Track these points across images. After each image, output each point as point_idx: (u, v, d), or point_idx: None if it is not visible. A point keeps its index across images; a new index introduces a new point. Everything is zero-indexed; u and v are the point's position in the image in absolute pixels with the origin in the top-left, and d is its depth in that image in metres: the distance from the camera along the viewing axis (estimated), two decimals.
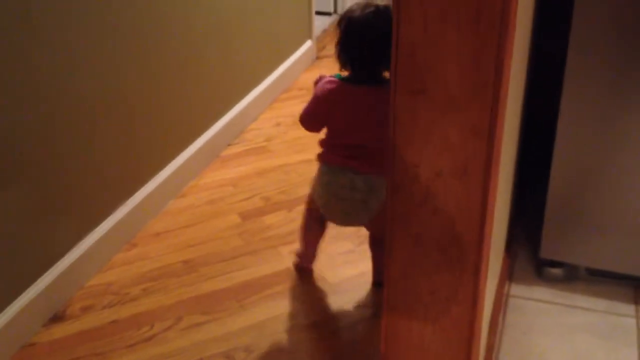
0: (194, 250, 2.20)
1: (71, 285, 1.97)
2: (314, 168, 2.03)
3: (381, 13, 1.71)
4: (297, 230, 2.19)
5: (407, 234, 1.03)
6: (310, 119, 1.88)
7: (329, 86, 1.79)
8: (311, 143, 2.66)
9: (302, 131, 2.96)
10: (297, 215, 2.33)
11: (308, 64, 3.69)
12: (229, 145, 2.85)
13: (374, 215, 1.83)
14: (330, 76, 1.83)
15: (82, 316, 1.91)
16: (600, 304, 1.91)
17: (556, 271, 1.99)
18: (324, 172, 1.84)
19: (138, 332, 1.85)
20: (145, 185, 2.32)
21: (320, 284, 2.05)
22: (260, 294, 1.99)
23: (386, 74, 1.72)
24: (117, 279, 2.06)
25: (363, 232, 2.05)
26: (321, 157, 1.86)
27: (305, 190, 2.45)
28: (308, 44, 3.69)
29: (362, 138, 1.78)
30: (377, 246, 1.96)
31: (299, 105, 3.20)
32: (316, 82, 1.87)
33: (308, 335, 1.85)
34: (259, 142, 2.90)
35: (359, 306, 1.95)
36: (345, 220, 1.88)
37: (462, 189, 0.96)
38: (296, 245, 2.11)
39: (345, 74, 1.80)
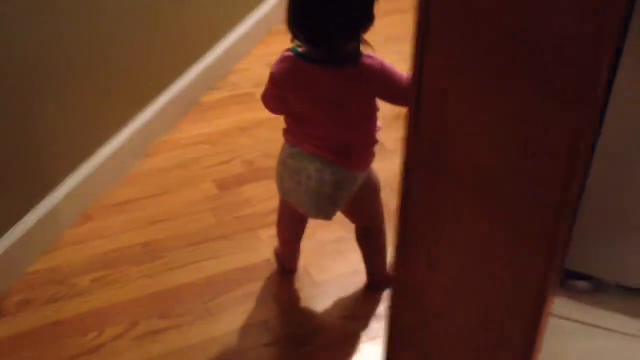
0: (158, 228, 1.88)
1: (9, 272, 1.67)
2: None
3: None
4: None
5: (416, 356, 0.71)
6: (269, 101, 1.53)
7: (281, 64, 1.43)
8: None
9: None
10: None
11: None
12: (211, 89, 2.47)
13: (341, 209, 1.52)
14: (288, 49, 1.44)
15: (18, 314, 1.61)
16: (633, 325, 1.62)
17: (583, 284, 1.69)
18: (286, 156, 1.50)
19: (83, 340, 1.56)
20: (108, 143, 1.97)
21: (303, 282, 1.74)
22: (231, 294, 1.69)
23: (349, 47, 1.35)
24: (64, 264, 1.75)
25: None
26: (288, 136, 1.51)
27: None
28: None
29: (327, 130, 1.44)
30: (365, 240, 1.67)
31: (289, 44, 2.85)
32: (283, 52, 1.48)
33: (283, 354, 1.56)
34: (247, 87, 2.52)
35: (350, 317, 1.65)
36: (315, 214, 1.53)
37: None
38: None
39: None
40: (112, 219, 1.90)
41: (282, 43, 2.74)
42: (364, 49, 1.38)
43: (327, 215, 1.52)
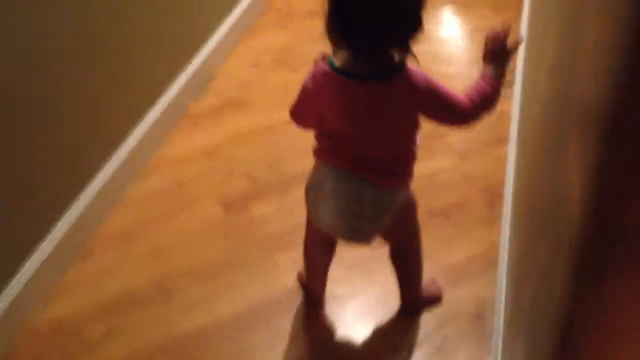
0: (166, 262, 1.74)
1: (15, 326, 1.52)
2: (304, 131, 1.54)
3: None
4: (296, 228, 1.75)
5: None
6: (299, 116, 1.38)
7: (316, 78, 1.27)
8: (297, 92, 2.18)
9: (287, 73, 2.50)
10: (293, 204, 1.89)
11: None
12: (199, 96, 2.32)
13: (380, 231, 1.40)
14: (322, 59, 1.29)
15: None
16: None
17: None
18: (321, 176, 1.36)
19: None
20: (101, 169, 1.83)
21: (334, 309, 1.63)
22: (258, 334, 1.57)
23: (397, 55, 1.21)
24: (72, 311, 1.61)
25: None
26: (321, 154, 1.37)
27: (301, 163, 2.00)
28: None
29: (367, 148, 1.31)
30: (401, 260, 1.56)
31: (278, 34, 2.70)
32: (314, 63, 1.32)
33: None
34: (234, 91, 2.37)
35: (391, 348, 1.55)
36: (351, 238, 1.41)
37: None
38: (296, 250, 1.68)
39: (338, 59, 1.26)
40: (115, 251, 1.76)
41: (263, 39, 2.62)
42: (409, 61, 1.25)
43: (367, 240, 1.40)
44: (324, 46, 2.56)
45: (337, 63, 1.24)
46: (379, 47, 1.19)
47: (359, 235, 1.38)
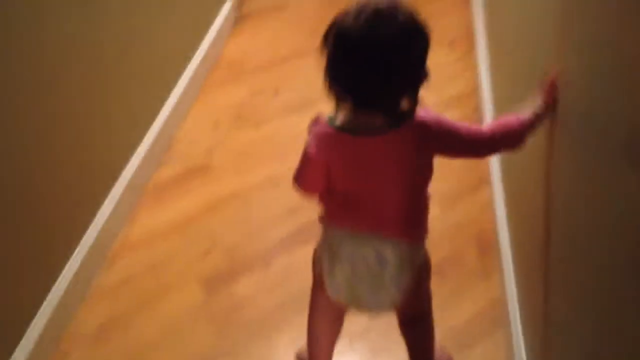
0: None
1: None
2: (279, 193, 1.59)
3: (388, 14, 1.08)
4: (286, 302, 1.64)
5: None
6: (304, 184, 1.26)
7: (319, 141, 1.17)
8: (265, 151, 2.07)
9: (250, 131, 2.37)
10: (279, 276, 1.77)
11: (229, 30, 2.98)
12: (159, 167, 2.17)
13: (404, 294, 1.28)
14: (315, 121, 1.20)
15: None
16: None
17: None
18: (336, 241, 1.25)
19: None
20: (67, 259, 1.67)
21: None
22: None
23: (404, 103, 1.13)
24: None
25: None
26: (329, 219, 1.27)
27: (278, 230, 1.89)
28: (227, 5, 2.96)
29: (383, 204, 1.22)
30: (414, 327, 1.45)
31: (234, 90, 2.58)
32: (310, 127, 1.22)
33: None
34: (197, 156, 2.24)
35: None
36: (373, 306, 1.30)
37: None
38: (291, 327, 1.55)
39: (338, 116, 1.17)
40: (92, 353, 1.59)
41: (220, 96, 2.50)
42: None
43: (392, 303, 1.29)
44: (284, 100, 2.48)
45: (338, 121, 1.15)
46: (391, 99, 1.12)
47: (385, 302, 1.28)
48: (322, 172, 1.20)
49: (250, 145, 2.29)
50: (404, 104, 1.13)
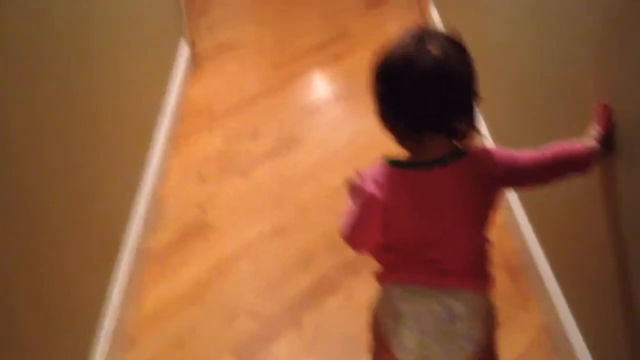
0: None
1: None
2: (286, 243, 1.61)
3: (432, 38, 1.07)
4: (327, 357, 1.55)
5: None
6: (359, 235, 1.18)
7: (380, 178, 1.12)
8: (259, 200, 2.02)
9: (238, 180, 2.25)
10: (311, 332, 1.69)
11: (188, 75, 2.85)
12: (154, 232, 2.03)
13: (478, 349, 1.20)
14: (376, 165, 1.15)
15: None
16: None
17: None
18: (399, 299, 1.18)
19: None
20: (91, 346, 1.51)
21: None
22: None
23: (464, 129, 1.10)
24: None
25: None
26: (387, 276, 1.21)
27: (298, 281, 1.80)
28: (182, 49, 2.85)
29: (450, 245, 1.16)
30: None
31: (209, 139, 2.45)
32: (352, 186, 1.18)
33: None
34: (191, 216, 2.11)
35: None
36: None
37: None
38: None
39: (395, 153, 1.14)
40: None
41: (197, 148, 2.37)
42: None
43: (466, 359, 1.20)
44: (265, 143, 2.39)
45: (396, 158, 1.13)
46: (451, 123, 1.08)
47: (458, 358, 1.18)
48: (379, 215, 1.13)
49: (242, 197, 2.18)
50: (461, 126, 1.09)
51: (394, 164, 1.12)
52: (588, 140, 1.20)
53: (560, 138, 1.23)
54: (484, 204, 1.16)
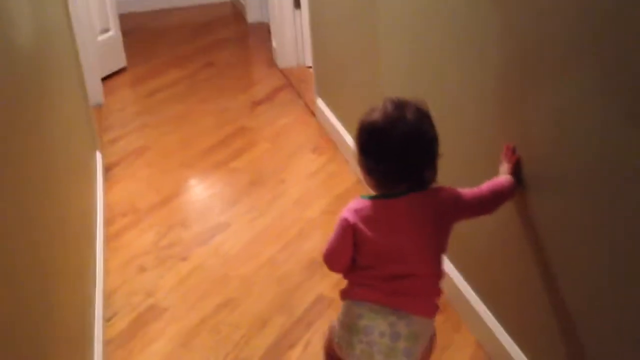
0: None
1: None
2: (240, 314, 1.82)
3: (406, 106, 1.38)
4: None
5: None
6: (338, 256, 1.45)
7: (356, 207, 1.41)
8: (204, 281, 2.25)
9: (180, 265, 2.41)
10: None
11: (105, 182, 3.01)
12: (107, 320, 2.15)
13: None
14: (355, 200, 1.44)
15: None
16: None
17: None
18: (356, 314, 1.42)
19: None
20: None
21: None
22: None
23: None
24: None
25: None
26: (351, 293, 1.46)
27: (258, 343, 1.98)
28: (98, 157, 3.01)
29: (409, 265, 1.41)
30: None
31: (142, 235, 2.61)
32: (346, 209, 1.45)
33: None
34: (140, 301, 2.25)
35: None
36: None
37: None
38: None
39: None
40: None
41: (131, 247, 2.51)
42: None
43: None
44: (196, 231, 2.59)
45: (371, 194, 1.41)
46: (418, 175, 1.39)
47: None
48: (352, 240, 1.40)
49: (186, 278, 2.34)
50: (427, 175, 1.40)
51: (368, 198, 1.40)
52: (504, 175, 1.53)
53: (480, 178, 1.56)
54: (439, 232, 1.44)
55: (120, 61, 4.51)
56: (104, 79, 4.21)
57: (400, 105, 1.37)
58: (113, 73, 4.42)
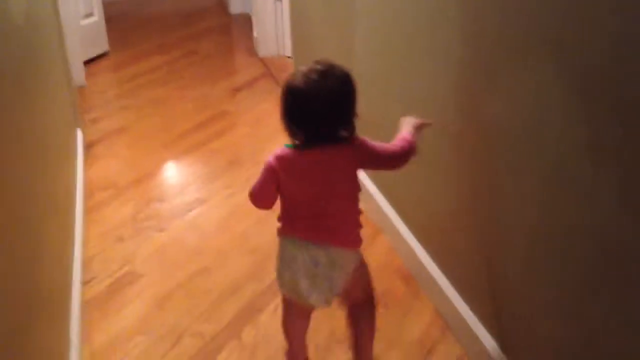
0: None
1: None
2: (215, 279, 2.01)
3: (328, 73, 1.51)
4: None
5: None
6: (261, 195, 1.62)
7: (279, 154, 1.57)
8: (181, 250, 2.36)
9: (157, 237, 2.52)
10: (252, 344, 1.97)
11: (85, 159, 3.10)
12: (85, 284, 2.25)
13: (338, 292, 1.63)
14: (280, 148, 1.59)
15: None
16: None
17: None
18: (285, 247, 1.61)
19: None
20: None
21: None
22: None
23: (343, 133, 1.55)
24: None
25: None
26: (281, 230, 1.63)
27: (230, 304, 2.10)
28: (78, 134, 3.11)
29: (324, 206, 1.58)
30: (359, 315, 1.76)
31: (120, 208, 2.72)
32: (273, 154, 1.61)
33: None
34: (117, 268, 2.35)
35: None
36: (311, 298, 1.61)
37: None
38: None
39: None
40: None
41: (110, 214, 2.62)
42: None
43: (327, 299, 1.60)
44: (173, 205, 2.70)
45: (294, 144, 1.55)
46: (332, 133, 1.53)
47: (321, 295, 1.59)
48: (277, 182, 1.57)
49: (163, 248, 2.45)
50: (343, 133, 1.53)
51: (291, 146, 1.54)
52: (408, 134, 1.65)
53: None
54: (351, 178, 1.58)
55: (103, 46, 4.60)
56: (86, 63, 4.29)
57: (323, 72, 1.49)
58: (95, 57, 4.51)
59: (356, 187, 1.60)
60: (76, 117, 3.14)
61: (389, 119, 2.29)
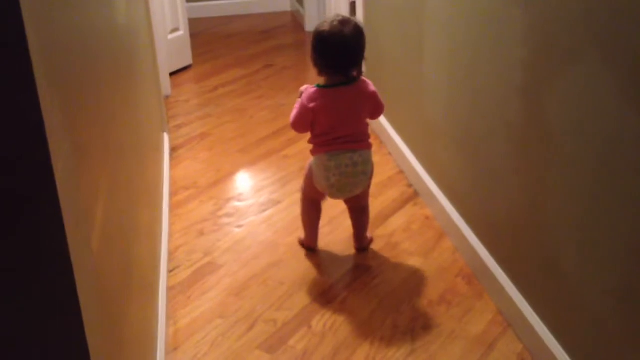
0: None
1: None
2: (287, 269, 2.34)
3: (347, 23, 2.15)
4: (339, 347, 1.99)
5: None
6: (300, 125, 2.27)
7: (311, 95, 2.19)
8: (256, 244, 2.59)
9: (236, 233, 2.70)
10: (320, 327, 2.11)
11: (170, 160, 3.34)
12: (170, 272, 2.45)
13: (366, 184, 2.33)
14: (310, 86, 2.23)
15: None
16: None
17: None
18: (326, 160, 2.23)
19: None
20: None
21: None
22: None
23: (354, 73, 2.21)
24: None
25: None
26: (317, 150, 2.26)
27: (302, 293, 2.25)
28: (165, 137, 3.34)
29: (348, 128, 2.23)
30: (360, 213, 2.45)
31: (201, 206, 2.92)
32: (301, 93, 2.26)
33: None
34: (199, 259, 2.54)
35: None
36: (352, 192, 2.30)
37: None
38: None
39: (320, 81, 2.23)
40: None
41: (192, 212, 2.82)
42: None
43: (364, 187, 2.31)
44: (253, 203, 2.86)
45: (321, 84, 2.22)
46: (349, 69, 2.21)
47: (359, 188, 2.29)
48: (310, 117, 2.20)
49: (240, 242, 2.63)
50: (354, 72, 2.21)
51: (319, 86, 2.21)
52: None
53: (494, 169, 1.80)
54: (363, 109, 2.26)
55: (187, 59, 4.88)
56: (172, 74, 4.57)
57: (343, 22, 2.14)
58: (180, 69, 4.79)
59: (366, 109, 2.25)
60: (163, 123, 3.38)
61: (455, 122, 2.42)
